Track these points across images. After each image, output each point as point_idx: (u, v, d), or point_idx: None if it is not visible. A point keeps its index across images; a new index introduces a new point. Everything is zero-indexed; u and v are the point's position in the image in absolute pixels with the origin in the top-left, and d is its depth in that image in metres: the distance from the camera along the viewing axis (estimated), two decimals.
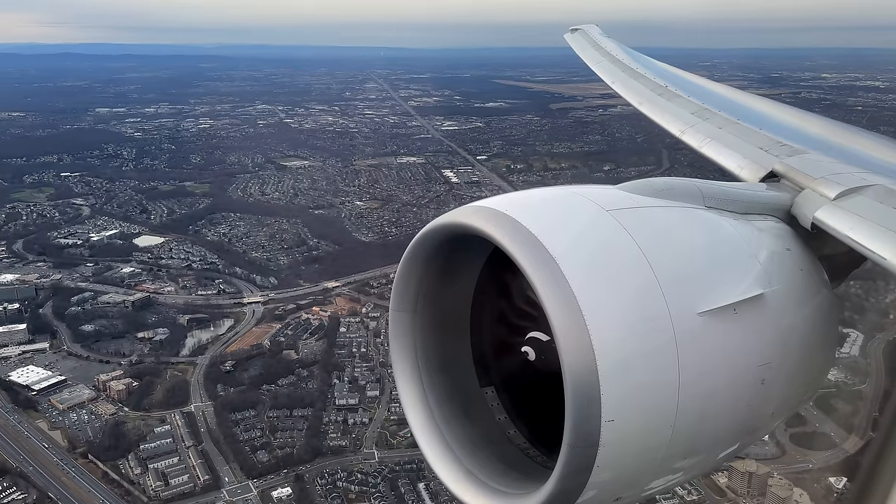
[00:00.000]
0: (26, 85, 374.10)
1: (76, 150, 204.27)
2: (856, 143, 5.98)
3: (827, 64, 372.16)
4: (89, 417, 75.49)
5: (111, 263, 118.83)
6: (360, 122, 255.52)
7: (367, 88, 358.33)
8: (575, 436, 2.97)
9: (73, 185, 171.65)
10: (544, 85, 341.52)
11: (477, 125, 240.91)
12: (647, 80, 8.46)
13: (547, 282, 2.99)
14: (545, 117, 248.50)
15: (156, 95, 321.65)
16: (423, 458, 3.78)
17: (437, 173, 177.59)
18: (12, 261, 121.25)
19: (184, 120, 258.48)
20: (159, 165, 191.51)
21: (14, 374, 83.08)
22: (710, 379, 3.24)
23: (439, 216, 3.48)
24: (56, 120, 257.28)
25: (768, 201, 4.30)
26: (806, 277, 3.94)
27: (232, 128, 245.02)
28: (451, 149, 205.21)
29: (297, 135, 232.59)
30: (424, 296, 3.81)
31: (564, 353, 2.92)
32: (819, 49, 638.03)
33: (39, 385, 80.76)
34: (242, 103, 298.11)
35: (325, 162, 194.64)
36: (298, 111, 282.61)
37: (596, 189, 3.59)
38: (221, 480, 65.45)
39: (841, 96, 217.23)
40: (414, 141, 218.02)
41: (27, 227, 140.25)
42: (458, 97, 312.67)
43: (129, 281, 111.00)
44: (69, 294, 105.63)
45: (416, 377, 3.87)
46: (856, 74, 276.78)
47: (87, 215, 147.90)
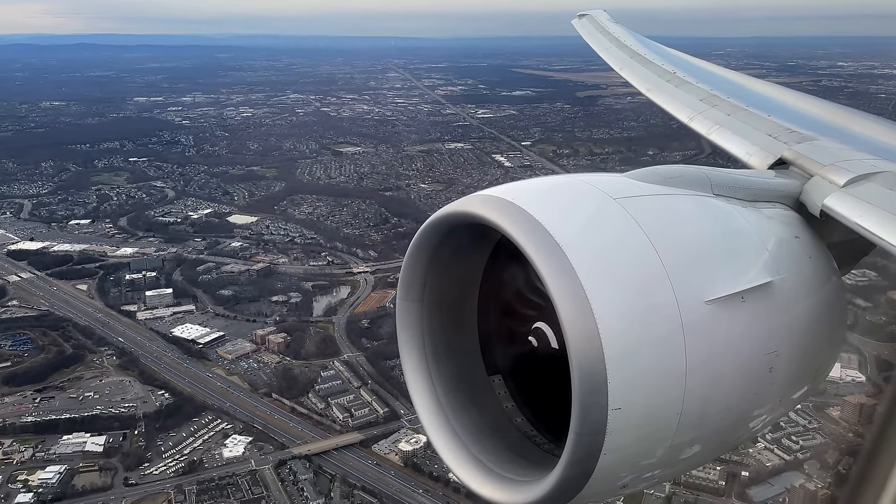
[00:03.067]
0: (55, 75, 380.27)
1: (134, 137, 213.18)
2: (866, 129, 5.91)
3: (841, 52, 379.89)
4: (258, 365, 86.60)
5: (217, 238, 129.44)
6: (395, 111, 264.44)
7: (389, 78, 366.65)
8: (582, 423, 2.99)
9: (146, 169, 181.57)
10: (564, 74, 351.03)
11: (511, 113, 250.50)
12: (655, 67, 8.51)
13: (554, 270, 3.02)
14: (575, 105, 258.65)
15: (186, 85, 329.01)
16: (431, 445, 3.85)
17: (489, 158, 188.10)
18: (124, 236, 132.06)
19: (224, 109, 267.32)
20: (220, 151, 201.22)
21: (176, 331, 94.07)
22: (718, 367, 3.27)
23: (445, 205, 3.56)
24: (100, 109, 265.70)
25: (777, 188, 4.27)
26: (814, 265, 3.91)
27: (274, 116, 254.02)
28: (494, 135, 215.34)
29: (339, 123, 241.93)
30: (431, 285, 3.84)
31: (571, 342, 2.94)
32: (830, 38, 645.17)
33: (203, 339, 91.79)
34: (274, 93, 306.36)
35: (377, 148, 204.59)
36: (331, 100, 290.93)
37: (603, 177, 3.62)
38: (397, 412, 76.54)
39: (862, 84, 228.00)
40: (455, 128, 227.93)
41: (122, 206, 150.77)
42: (482, 86, 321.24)
43: (242, 253, 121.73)
44: (192, 265, 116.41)
45: (423, 366, 3.91)
46: (872, 62, 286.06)
47: (173, 197, 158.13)
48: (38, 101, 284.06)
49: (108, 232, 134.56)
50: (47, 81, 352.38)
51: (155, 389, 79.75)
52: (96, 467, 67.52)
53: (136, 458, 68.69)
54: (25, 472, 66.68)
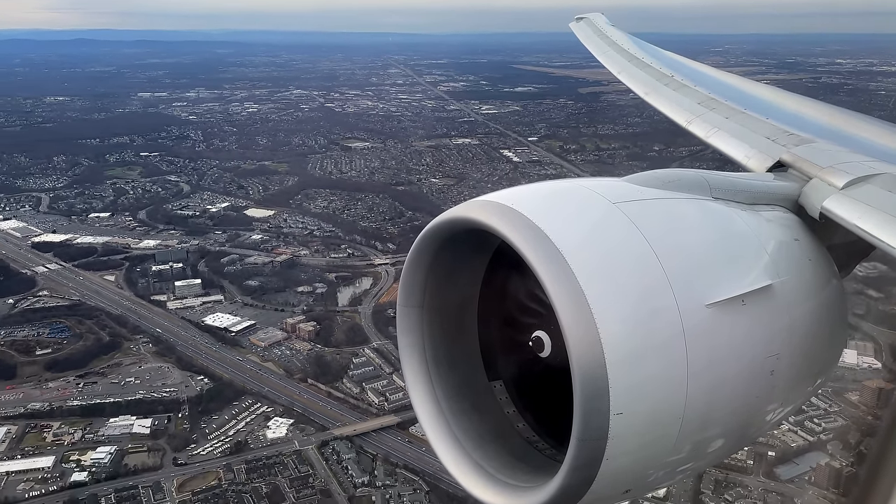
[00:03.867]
0: (55, 71, 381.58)
1: (143, 132, 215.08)
2: (864, 131, 5.96)
3: (839, 49, 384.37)
4: (291, 352, 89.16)
5: (237, 231, 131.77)
6: (400, 106, 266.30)
7: (391, 74, 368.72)
8: (584, 429, 2.99)
9: (158, 164, 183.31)
10: (565, 70, 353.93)
11: (514, 109, 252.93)
12: (653, 70, 8.52)
13: (554, 276, 3.03)
14: (578, 101, 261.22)
15: (189, 80, 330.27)
16: (433, 451, 3.83)
17: (497, 153, 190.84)
18: (145, 229, 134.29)
19: (229, 104, 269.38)
20: (230, 146, 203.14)
21: (208, 319, 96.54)
22: (719, 371, 3.28)
23: (445, 211, 3.56)
24: (104, 104, 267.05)
25: (776, 191, 4.29)
26: (814, 267, 3.92)
27: (279, 111, 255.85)
28: (500, 131, 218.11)
29: (345, 118, 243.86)
30: (431, 291, 3.85)
31: (572, 347, 2.95)
32: (827, 35, 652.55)
33: (235, 328, 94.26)
34: (277, 88, 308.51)
35: (385, 143, 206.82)
36: (334, 96, 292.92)
37: (602, 182, 3.64)
38: None
39: (861, 81, 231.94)
40: (460, 124, 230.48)
41: (139, 200, 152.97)
42: (484, 82, 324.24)
43: (263, 246, 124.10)
44: (216, 256, 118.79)
45: (424, 371, 3.91)
46: (870, 60, 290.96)
47: (188, 191, 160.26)
48: (41, 96, 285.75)
49: (129, 225, 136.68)
50: (48, 77, 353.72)
51: (193, 375, 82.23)
52: (145, 448, 69.96)
53: (182, 440, 71.19)
54: (77, 452, 69.07)
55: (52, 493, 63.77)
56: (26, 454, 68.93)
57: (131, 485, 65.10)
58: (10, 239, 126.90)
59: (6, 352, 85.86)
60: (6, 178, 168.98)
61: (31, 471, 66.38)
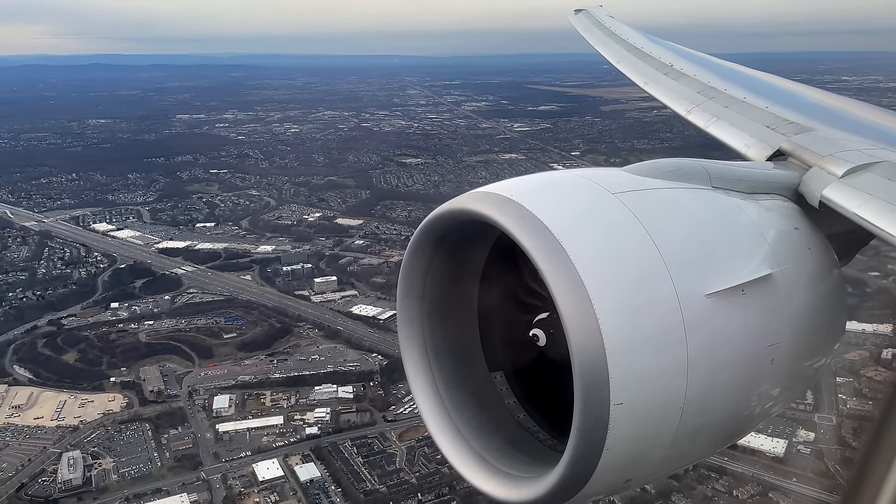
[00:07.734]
0: (84, 95, 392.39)
1: (202, 151, 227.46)
2: (863, 119, 5.96)
3: (841, 67, 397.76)
4: None
5: (339, 238, 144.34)
6: (433, 125, 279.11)
7: (411, 95, 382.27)
8: (584, 419, 3.01)
9: (232, 180, 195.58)
10: (580, 89, 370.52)
11: (546, 126, 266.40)
12: (652, 60, 8.45)
13: (553, 266, 3.05)
14: (604, 118, 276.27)
15: (218, 103, 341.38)
16: (434, 442, 3.88)
17: (547, 167, 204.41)
18: (255, 236, 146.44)
19: (269, 125, 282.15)
20: (291, 163, 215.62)
21: (355, 309, 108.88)
22: (719, 360, 3.29)
23: (444, 203, 3.61)
24: (148, 126, 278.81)
25: (776, 180, 4.30)
26: (814, 256, 3.94)
27: (320, 131, 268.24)
28: (541, 146, 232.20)
29: (386, 136, 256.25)
30: (431, 283, 3.90)
31: (572, 337, 2.97)
32: (826, 52, 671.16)
33: (381, 316, 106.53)
34: (308, 110, 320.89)
35: (436, 159, 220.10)
36: (366, 116, 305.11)
37: (601, 171, 3.67)
38: None
39: (872, 97, 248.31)
40: (500, 140, 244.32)
41: (234, 212, 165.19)
42: (504, 101, 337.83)
43: (369, 249, 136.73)
44: (332, 258, 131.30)
45: (425, 364, 3.95)
46: (875, 77, 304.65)
47: (275, 204, 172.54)
48: (82, 118, 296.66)
49: (238, 233, 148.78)
50: (79, 100, 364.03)
51: (367, 353, 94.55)
52: (353, 409, 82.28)
53: (382, 403, 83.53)
54: (297, 413, 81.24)
55: (293, 443, 75.99)
56: (256, 415, 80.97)
57: (358, 435, 77.45)
58: (134, 246, 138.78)
59: (199, 336, 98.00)
60: (96, 193, 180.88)
61: (268, 427, 78.52)
